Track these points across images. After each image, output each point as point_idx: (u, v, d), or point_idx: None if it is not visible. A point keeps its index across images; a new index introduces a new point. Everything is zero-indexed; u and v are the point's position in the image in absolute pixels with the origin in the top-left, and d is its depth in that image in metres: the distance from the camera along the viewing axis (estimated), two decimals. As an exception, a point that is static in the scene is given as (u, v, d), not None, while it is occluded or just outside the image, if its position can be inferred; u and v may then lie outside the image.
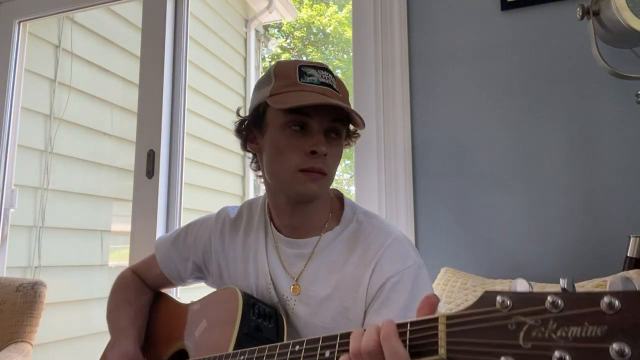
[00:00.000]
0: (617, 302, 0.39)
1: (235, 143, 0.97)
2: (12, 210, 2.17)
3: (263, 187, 0.99)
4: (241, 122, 0.93)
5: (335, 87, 0.87)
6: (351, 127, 0.93)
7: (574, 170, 1.33)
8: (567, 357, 0.40)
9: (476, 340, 0.47)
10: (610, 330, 0.39)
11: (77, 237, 2.60)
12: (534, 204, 1.35)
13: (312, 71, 0.86)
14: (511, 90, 1.42)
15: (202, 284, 1.09)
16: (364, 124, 0.86)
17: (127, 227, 1.90)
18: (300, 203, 0.89)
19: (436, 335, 0.50)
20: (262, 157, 0.91)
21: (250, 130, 0.93)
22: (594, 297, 0.41)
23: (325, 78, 0.86)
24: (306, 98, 0.81)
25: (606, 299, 0.40)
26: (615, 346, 0.38)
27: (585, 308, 0.41)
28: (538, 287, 1.12)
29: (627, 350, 0.38)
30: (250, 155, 0.97)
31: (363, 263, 0.86)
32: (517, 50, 1.42)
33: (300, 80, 0.84)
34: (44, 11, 2.20)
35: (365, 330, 0.57)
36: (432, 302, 0.55)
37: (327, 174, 0.85)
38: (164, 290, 1.14)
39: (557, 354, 0.41)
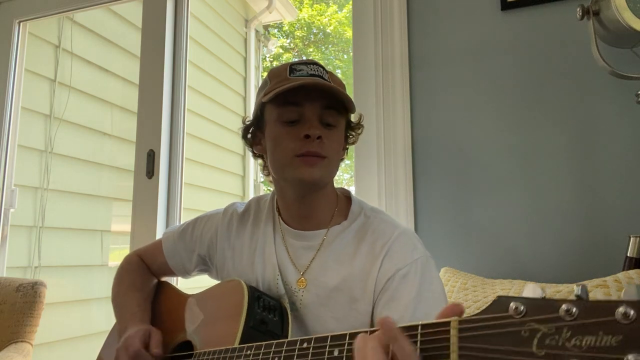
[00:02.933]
0: (632, 312, 0.39)
1: (235, 143, 1.00)
2: (12, 210, 2.17)
3: (263, 188, 1.01)
4: (246, 129, 0.97)
5: (325, 78, 0.88)
6: (352, 118, 0.96)
7: (574, 170, 1.33)
8: None
9: (489, 347, 0.46)
10: (625, 340, 0.39)
11: (77, 237, 2.60)
12: (534, 203, 1.35)
13: (301, 67, 0.89)
14: (511, 90, 1.42)
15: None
16: (354, 107, 0.89)
17: (127, 227, 1.90)
18: (306, 193, 0.91)
19: (448, 339, 0.49)
20: (267, 156, 0.94)
21: (255, 134, 0.96)
22: (608, 306, 0.40)
23: (314, 71, 0.88)
24: (292, 84, 0.84)
25: (621, 309, 0.39)
26: (630, 357, 0.38)
27: (599, 317, 0.41)
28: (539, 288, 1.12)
29: None
30: (260, 162, 1.01)
31: (372, 255, 0.87)
32: (517, 50, 1.42)
33: (290, 75, 0.88)
34: (44, 11, 2.20)
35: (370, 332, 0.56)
36: (458, 311, 0.52)
37: (325, 157, 0.86)
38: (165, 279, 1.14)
39: None
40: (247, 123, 0.97)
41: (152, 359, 0.87)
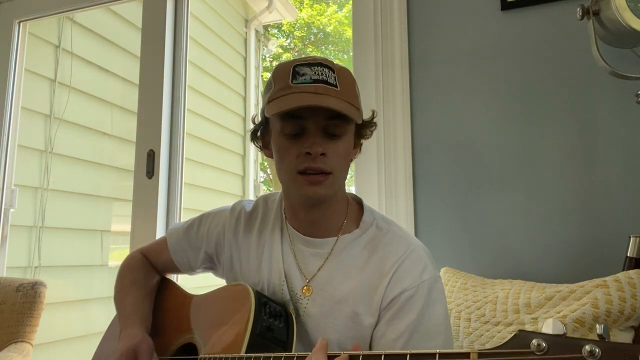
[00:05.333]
0: None
1: (235, 143, 0.99)
2: (12, 210, 2.17)
3: (263, 188, 1.00)
4: (254, 131, 0.95)
5: (331, 81, 0.83)
6: (365, 116, 0.92)
7: (574, 170, 1.33)
8: None
9: None
10: None
11: (77, 237, 2.60)
12: (534, 203, 1.35)
13: (305, 69, 0.84)
14: (511, 90, 1.42)
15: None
16: (360, 117, 0.86)
17: (127, 227, 1.89)
18: (313, 205, 0.89)
19: None
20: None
21: (264, 136, 0.94)
22: (631, 350, 0.41)
23: (319, 74, 0.83)
24: (290, 102, 0.80)
25: None
26: None
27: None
28: (538, 288, 1.12)
29: None
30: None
31: (380, 272, 0.86)
32: (517, 50, 1.42)
33: (292, 82, 0.83)
34: (44, 11, 2.20)
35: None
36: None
37: (330, 173, 0.84)
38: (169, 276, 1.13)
39: None
40: (255, 126, 0.94)
41: None
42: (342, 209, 0.93)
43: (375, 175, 1.51)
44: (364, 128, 0.93)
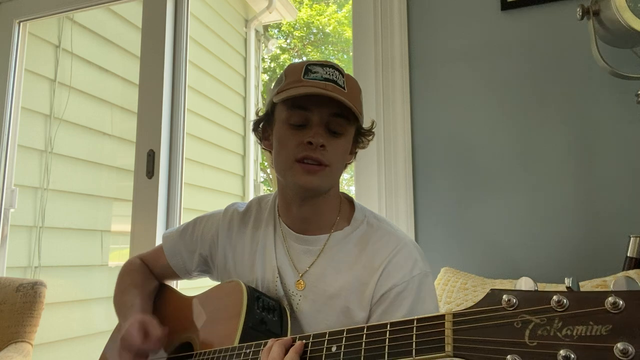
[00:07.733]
0: (621, 302, 0.40)
1: (235, 143, 1.00)
2: (12, 210, 2.17)
3: (263, 188, 1.01)
4: (256, 122, 0.97)
5: (340, 82, 0.87)
6: (364, 125, 0.96)
7: (574, 170, 1.33)
8: (573, 356, 0.41)
9: (482, 338, 0.47)
10: (614, 329, 0.40)
11: (77, 237, 2.60)
12: (534, 203, 1.35)
13: (317, 68, 0.87)
14: (511, 90, 1.42)
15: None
16: (362, 116, 0.88)
17: (127, 227, 1.90)
18: (307, 197, 0.90)
19: (442, 332, 0.51)
20: (272, 154, 0.94)
21: (265, 129, 0.96)
22: (598, 297, 0.42)
23: (329, 74, 0.87)
24: (301, 91, 0.84)
25: (611, 299, 0.41)
26: (619, 345, 0.39)
27: (590, 307, 0.42)
28: (539, 287, 1.12)
29: (630, 349, 0.39)
30: (269, 155, 1.00)
31: (371, 267, 0.87)
32: (517, 50, 1.42)
33: (304, 77, 0.86)
34: (44, 11, 2.20)
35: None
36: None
37: (327, 166, 0.86)
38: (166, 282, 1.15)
39: (562, 352, 0.42)
40: (259, 117, 0.97)
41: (157, 346, 0.87)
42: (334, 206, 0.95)
43: (375, 175, 1.51)
44: (362, 136, 0.96)
